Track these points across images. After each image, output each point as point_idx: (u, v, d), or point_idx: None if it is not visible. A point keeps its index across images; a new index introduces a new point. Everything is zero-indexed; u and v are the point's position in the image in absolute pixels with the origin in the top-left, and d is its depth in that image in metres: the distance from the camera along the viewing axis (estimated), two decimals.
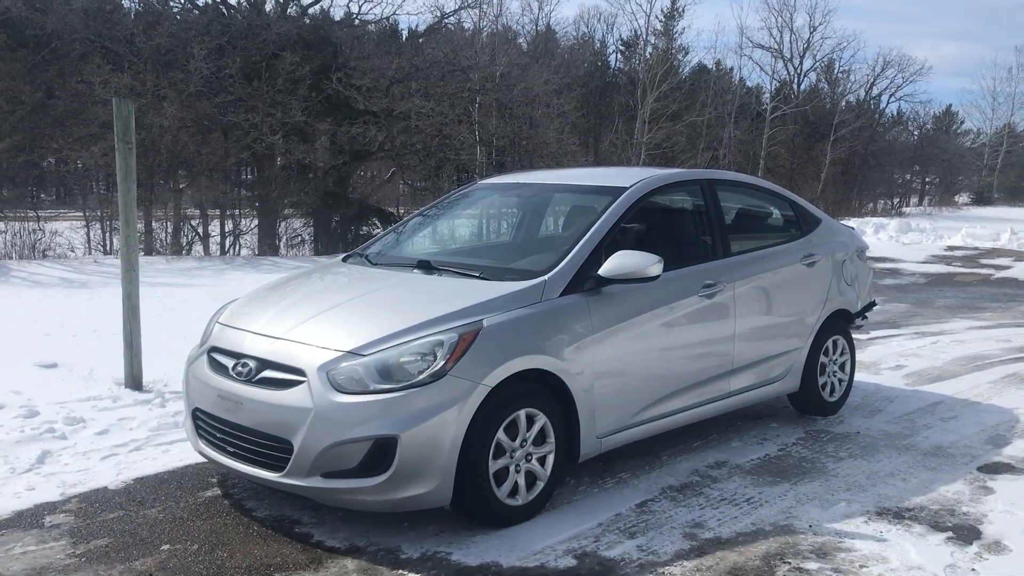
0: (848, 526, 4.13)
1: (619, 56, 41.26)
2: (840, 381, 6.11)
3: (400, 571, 3.64)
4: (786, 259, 5.69)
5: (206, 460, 4.39)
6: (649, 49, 37.80)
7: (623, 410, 4.57)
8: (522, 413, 4.06)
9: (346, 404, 3.76)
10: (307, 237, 19.32)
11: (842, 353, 6.13)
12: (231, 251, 18.63)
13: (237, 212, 19.35)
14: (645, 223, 5.00)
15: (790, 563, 3.75)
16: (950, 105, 78.63)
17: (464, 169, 34.13)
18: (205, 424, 4.28)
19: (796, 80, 45.56)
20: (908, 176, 52.33)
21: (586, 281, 4.41)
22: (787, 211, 6.06)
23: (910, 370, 7.41)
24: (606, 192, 5.00)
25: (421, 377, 3.79)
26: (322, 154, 18.03)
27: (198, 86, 16.54)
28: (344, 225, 19.13)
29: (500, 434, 3.97)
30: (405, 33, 28.24)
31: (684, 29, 59.35)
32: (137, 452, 4.99)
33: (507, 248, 5.93)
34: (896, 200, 49.52)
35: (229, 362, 4.19)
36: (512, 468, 4.06)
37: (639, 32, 38.48)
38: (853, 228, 6.56)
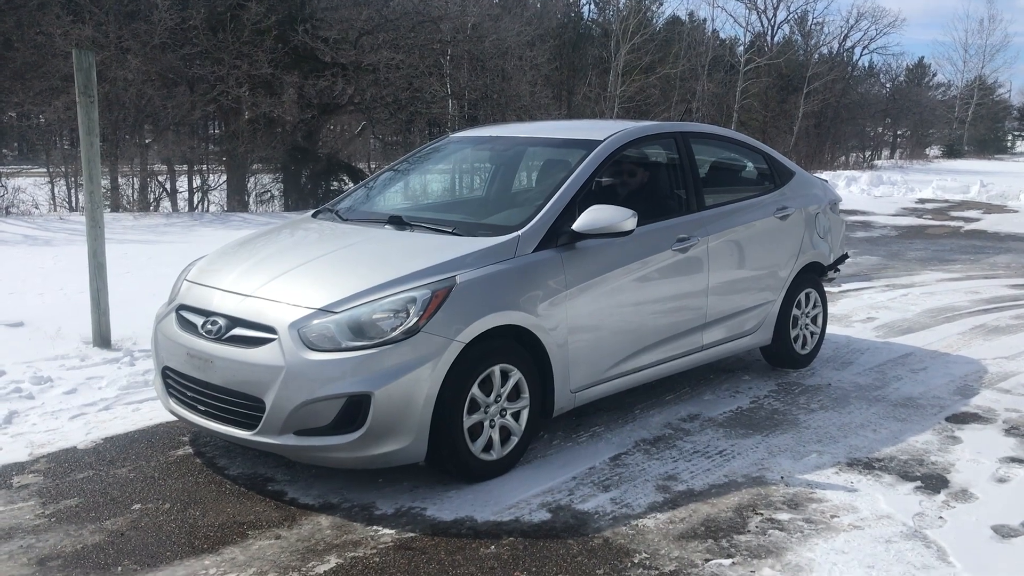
0: (819, 477, 4.18)
1: (592, 7, 40.77)
2: (812, 334, 6.13)
3: (374, 527, 3.63)
4: (759, 212, 5.66)
5: (177, 419, 4.36)
6: (623, 1, 37.36)
7: (597, 364, 4.57)
8: (496, 369, 4.04)
9: (318, 361, 3.73)
10: (277, 193, 19.04)
11: (814, 306, 6.15)
12: (200, 207, 18.35)
13: (205, 167, 19.01)
14: (619, 177, 5.08)
15: (762, 514, 3.79)
16: (922, 57, 78.99)
17: (436, 123, 33.78)
18: (175, 383, 4.23)
19: (770, 32, 45.34)
20: (880, 129, 52.48)
21: (560, 236, 4.37)
22: (761, 164, 6.03)
23: (881, 322, 7.47)
24: (580, 145, 4.94)
25: (394, 334, 3.76)
26: (290, 107, 17.70)
27: (162, 37, 16.13)
28: (314, 180, 18.87)
29: (474, 390, 3.96)
30: None
31: None
32: (106, 411, 4.93)
33: (480, 203, 5.89)
34: (868, 153, 49.73)
35: (198, 320, 4.13)
36: (487, 423, 4.06)
37: None
38: (826, 181, 6.55)
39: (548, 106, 29.67)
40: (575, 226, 4.36)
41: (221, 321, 4.03)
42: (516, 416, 4.19)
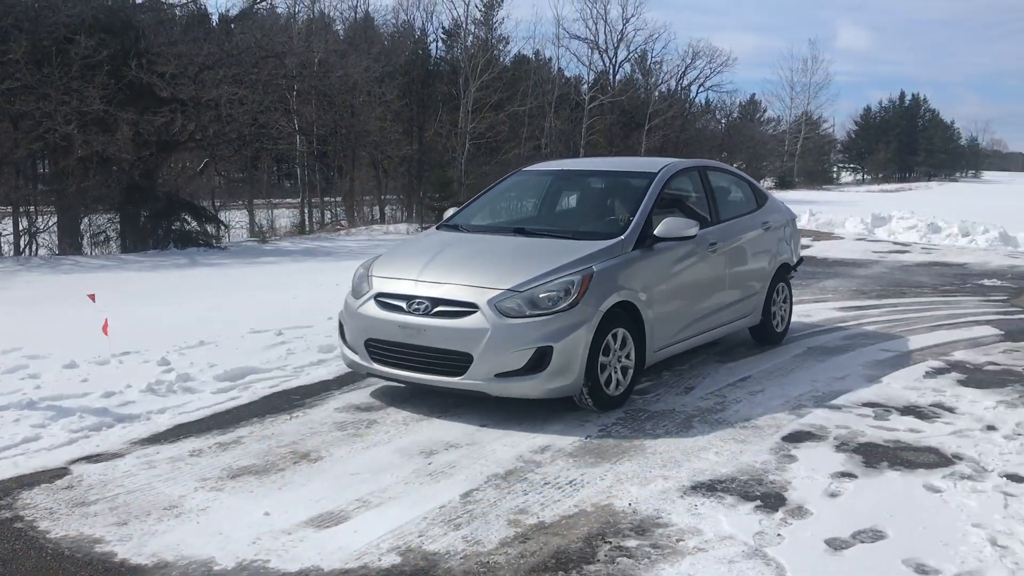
0: (665, 502, 4.25)
1: (440, 45, 41.14)
2: (783, 318, 8.02)
3: None
4: (751, 225, 7.55)
5: (379, 377, 5.85)
6: (470, 38, 37.88)
7: (667, 332, 6.25)
8: (618, 331, 5.68)
9: (514, 324, 5.31)
10: (113, 234, 18.10)
11: (785, 298, 8.06)
12: (27, 251, 17.22)
13: (32, 208, 17.88)
14: (668, 198, 6.78)
15: (611, 542, 3.81)
16: (754, 95, 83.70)
17: (284, 159, 33.13)
18: (380, 350, 5.69)
19: (612, 71, 47.07)
20: None
21: (646, 239, 6.09)
22: (747, 190, 7.94)
23: (720, 348, 7.75)
24: (642, 176, 6.75)
25: (563, 306, 5.37)
26: (125, 145, 16.88)
27: None
28: (154, 220, 18.05)
29: (606, 344, 5.56)
30: (215, 17, 26.96)
31: (504, 19, 59.87)
32: None
33: (573, 217, 7.33)
34: None
35: (402, 303, 5.61)
36: (611, 369, 5.65)
37: (460, 21, 38.50)
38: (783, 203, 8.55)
39: (399, 141, 29.64)
40: (656, 232, 6.11)
41: (426, 303, 5.51)
42: (626, 366, 5.79)
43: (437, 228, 7.06)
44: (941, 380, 6.60)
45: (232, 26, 22.04)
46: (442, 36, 40.86)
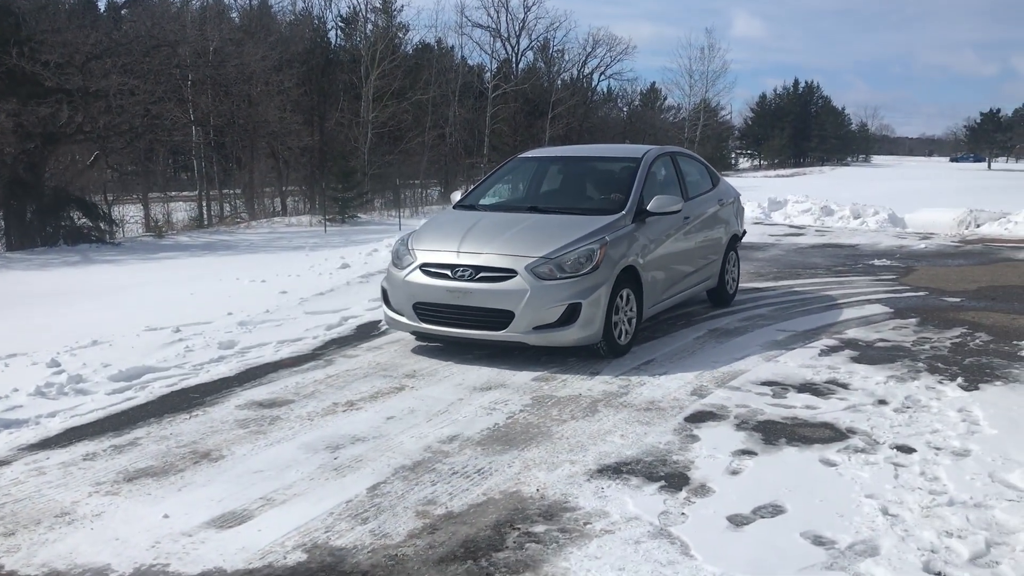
0: (572, 486, 4.29)
1: (339, 33, 40.49)
2: (733, 280, 9.30)
3: None
4: (711, 202, 8.79)
5: (426, 334, 6.93)
6: (369, 26, 37.38)
7: (657, 293, 7.39)
8: (625, 291, 6.79)
9: (548, 285, 6.37)
10: None
11: (735, 264, 9.34)
12: None
13: None
14: (652, 179, 7.75)
15: (520, 528, 3.82)
16: (654, 83, 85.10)
17: (180, 151, 32.13)
18: (429, 311, 6.69)
19: (515, 59, 47.17)
20: None
21: (640, 214, 7.21)
22: (705, 172, 9.14)
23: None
24: (630, 160, 7.89)
25: (587, 269, 6.45)
26: (6, 137, 16.09)
27: None
28: (41, 216, 17.26)
29: (617, 302, 6.66)
30: (103, 4, 25.94)
31: (403, 6, 59.39)
32: None
33: (576, 197, 8.10)
34: None
35: (446, 271, 6.62)
36: (620, 322, 6.75)
37: (358, 8, 37.96)
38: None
39: (300, 132, 29.09)
40: (649, 207, 7.24)
41: (469, 270, 6.53)
42: (630, 319, 6.91)
43: (454, 208, 8.12)
44: (835, 358, 6.85)
45: (122, 13, 21.22)
46: (340, 24, 40.26)
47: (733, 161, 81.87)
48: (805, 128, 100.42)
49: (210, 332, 7.68)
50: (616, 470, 4.50)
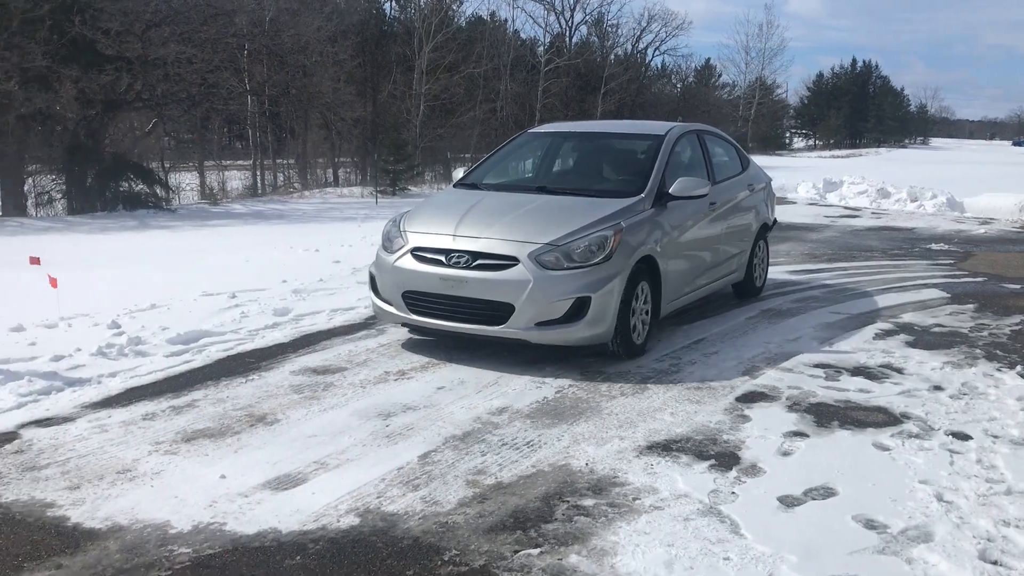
0: (621, 462, 4.30)
1: (394, 5, 40.48)
2: (760, 273, 8.46)
3: (169, 547, 3.41)
4: (741, 186, 7.97)
5: (415, 327, 6.12)
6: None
7: (677, 286, 6.61)
8: (642, 283, 6.02)
9: (554, 276, 5.58)
10: (58, 195, 17.65)
11: (764, 255, 8.52)
12: None
13: None
14: (676, 159, 6.95)
15: (568, 501, 3.85)
16: (709, 59, 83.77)
17: (235, 120, 32.48)
18: (419, 301, 5.91)
19: (568, 33, 46.78)
20: None
21: (662, 197, 6.41)
22: (734, 154, 8.31)
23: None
24: (652, 138, 7.05)
25: (599, 259, 5.67)
26: (69, 103, 16.42)
27: None
28: (101, 182, 17.62)
29: (634, 295, 5.89)
30: None
31: None
32: None
33: (590, 176, 7.27)
34: None
35: (440, 257, 5.82)
36: (635, 319, 5.99)
37: None
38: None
39: (353, 103, 29.22)
40: (671, 190, 6.42)
41: (466, 256, 5.72)
42: (647, 315, 6.16)
43: (455, 186, 7.30)
44: (890, 341, 6.74)
45: None
46: None
47: (788, 141, 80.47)
48: (862, 108, 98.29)
49: (265, 299, 7.80)
50: (666, 447, 4.49)
